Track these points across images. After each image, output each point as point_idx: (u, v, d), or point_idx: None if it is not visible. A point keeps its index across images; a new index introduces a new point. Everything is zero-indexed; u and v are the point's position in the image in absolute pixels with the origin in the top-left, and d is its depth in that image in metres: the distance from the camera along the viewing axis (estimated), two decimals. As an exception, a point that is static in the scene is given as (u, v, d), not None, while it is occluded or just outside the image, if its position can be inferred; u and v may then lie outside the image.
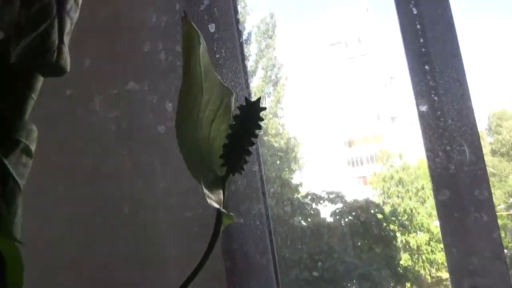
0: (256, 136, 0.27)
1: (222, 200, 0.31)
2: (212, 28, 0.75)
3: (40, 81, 0.36)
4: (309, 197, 6.66)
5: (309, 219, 6.64)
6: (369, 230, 6.48)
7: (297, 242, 5.55)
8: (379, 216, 6.86)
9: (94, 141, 0.80)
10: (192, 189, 0.70)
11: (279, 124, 8.66)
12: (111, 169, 0.78)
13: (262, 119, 0.26)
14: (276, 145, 8.18)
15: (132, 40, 0.77)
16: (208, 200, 0.28)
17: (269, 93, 8.99)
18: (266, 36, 9.20)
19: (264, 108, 0.26)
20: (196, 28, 0.28)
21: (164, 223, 0.73)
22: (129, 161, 0.76)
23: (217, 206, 0.29)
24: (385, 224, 6.82)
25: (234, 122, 0.28)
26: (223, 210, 0.31)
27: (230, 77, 0.73)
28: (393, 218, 7.23)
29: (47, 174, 0.71)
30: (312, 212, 6.73)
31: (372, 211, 6.77)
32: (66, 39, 0.34)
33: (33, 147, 0.37)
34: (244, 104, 0.27)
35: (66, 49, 0.34)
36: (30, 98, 0.36)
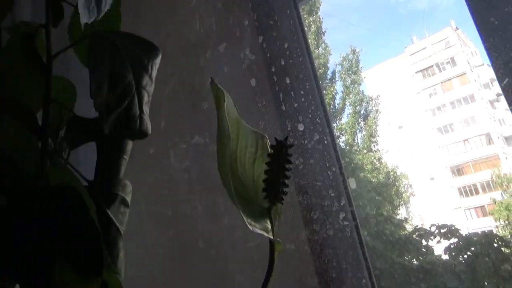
0: (288, 169, 0.31)
1: (271, 229, 0.34)
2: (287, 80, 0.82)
3: (129, 144, 0.44)
4: (417, 233, 6.17)
5: (420, 258, 6.12)
6: (495, 268, 5.69)
7: (409, 284, 5.11)
8: (506, 250, 6.02)
9: (172, 190, 0.93)
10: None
11: (374, 158, 8.37)
12: (187, 212, 0.89)
13: (290, 155, 0.30)
14: (373, 180, 7.85)
15: (194, 101, 0.90)
16: (251, 227, 0.31)
17: (361, 128, 8.82)
18: (351, 72, 9.25)
19: (292, 145, 0.32)
20: (222, 89, 0.33)
21: (231, 253, 0.80)
22: (200, 205, 0.88)
23: (262, 232, 0.32)
24: (514, 259, 5.96)
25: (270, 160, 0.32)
26: (273, 238, 0.34)
27: (308, 122, 0.79)
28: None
29: (140, 221, 0.83)
30: (423, 250, 6.20)
31: (496, 245, 5.98)
32: (146, 108, 0.42)
33: (128, 199, 0.45)
34: (274, 144, 0.32)
35: (146, 117, 0.42)
36: (122, 159, 0.44)
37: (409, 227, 6.99)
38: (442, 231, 6.15)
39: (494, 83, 13.23)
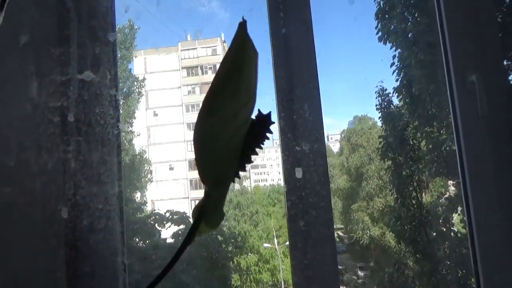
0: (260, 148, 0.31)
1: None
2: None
3: None
4: (153, 217, 6.49)
5: (148, 241, 6.44)
6: (208, 252, 6.63)
7: (134, 265, 5.31)
8: (220, 238, 7.12)
9: (22, 132, 0.69)
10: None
11: (125, 139, 8.28)
12: (47, 168, 0.67)
13: (271, 132, 0.30)
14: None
15: (95, 26, 0.71)
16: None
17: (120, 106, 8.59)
18: (123, 47, 8.86)
19: (273, 123, 0.31)
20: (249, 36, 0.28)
21: (115, 226, 0.66)
22: (75, 160, 0.68)
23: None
24: (224, 245, 7.11)
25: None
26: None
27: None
28: (232, 240, 7.60)
29: None
30: (153, 233, 6.56)
31: (213, 233, 6.98)
32: None
33: None
34: (260, 116, 0.31)
35: (1, 19, 0.31)
36: None
37: (145, 211, 7.26)
38: (175, 217, 6.70)
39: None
